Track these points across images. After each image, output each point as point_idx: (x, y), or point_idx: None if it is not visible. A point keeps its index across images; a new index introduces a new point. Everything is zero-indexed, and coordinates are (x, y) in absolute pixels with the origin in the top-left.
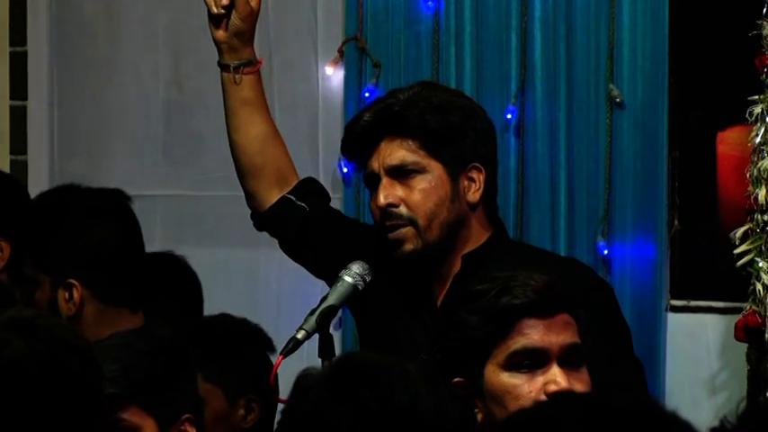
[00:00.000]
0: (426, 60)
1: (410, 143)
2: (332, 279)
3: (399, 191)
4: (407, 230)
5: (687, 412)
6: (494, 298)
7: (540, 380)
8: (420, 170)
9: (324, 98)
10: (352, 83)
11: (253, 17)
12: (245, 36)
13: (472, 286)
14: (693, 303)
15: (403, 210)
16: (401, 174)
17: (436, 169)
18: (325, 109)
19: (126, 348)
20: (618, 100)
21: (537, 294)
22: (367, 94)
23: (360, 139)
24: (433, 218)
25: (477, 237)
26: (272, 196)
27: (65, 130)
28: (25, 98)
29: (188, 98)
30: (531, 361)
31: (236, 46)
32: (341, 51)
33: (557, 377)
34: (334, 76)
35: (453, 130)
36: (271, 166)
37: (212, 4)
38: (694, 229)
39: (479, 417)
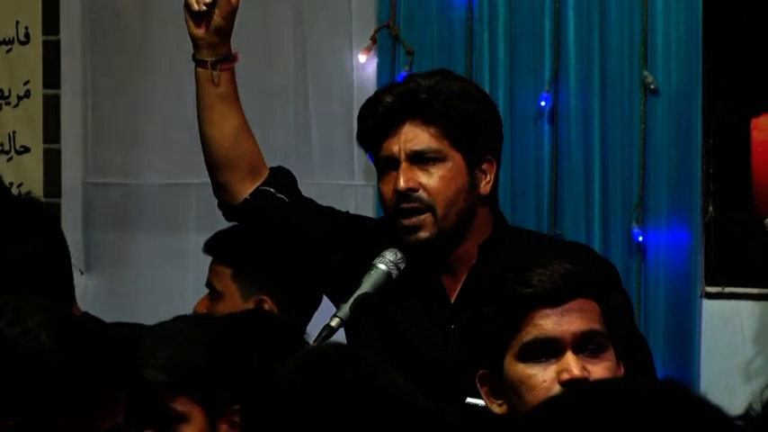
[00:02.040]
0: (459, 47)
1: (434, 130)
2: (318, 267)
3: (420, 176)
4: (426, 217)
5: (722, 399)
6: (508, 289)
7: (553, 368)
8: (442, 158)
9: (358, 86)
10: (386, 70)
11: (233, 14)
12: (225, 33)
13: (489, 277)
14: (728, 290)
15: (423, 195)
16: (422, 160)
17: (456, 158)
18: (359, 97)
19: (180, 336)
20: (652, 87)
21: (549, 283)
22: None
23: (380, 121)
24: (452, 207)
25: (484, 228)
26: (245, 188)
27: (98, 119)
28: (58, 87)
29: None
30: (545, 351)
31: (215, 42)
32: (374, 39)
33: (570, 365)
34: (367, 63)
35: (473, 119)
36: (244, 159)
37: (193, 1)
38: (729, 215)
39: (503, 409)
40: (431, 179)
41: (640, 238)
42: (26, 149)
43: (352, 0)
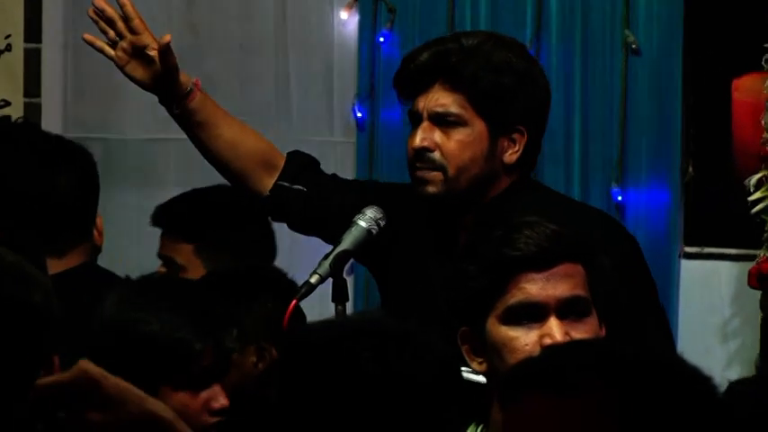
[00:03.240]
0: (441, 5)
1: (459, 96)
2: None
3: (437, 137)
4: (435, 174)
5: (699, 359)
6: (494, 249)
7: (536, 332)
8: (462, 123)
9: (338, 43)
10: (367, 28)
11: (167, 60)
12: (169, 75)
13: (478, 234)
14: (707, 250)
15: (436, 155)
16: (443, 122)
17: (478, 125)
18: (339, 54)
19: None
20: (633, 46)
21: (536, 247)
22: (381, 39)
23: (413, 77)
24: (464, 171)
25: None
26: (264, 185)
27: (78, 73)
28: (39, 41)
29: (202, 42)
30: (529, 315)
31: (166, 90)
32: None
33: (553, 330)
34: (348, 20)
35: (504, 92)
36: (250, 162)
37: (121, 66)
38: (709, 175)
39: (483, 367)
40: (448, 141)
41: (620, 198)
42: (6, 103)
43: None
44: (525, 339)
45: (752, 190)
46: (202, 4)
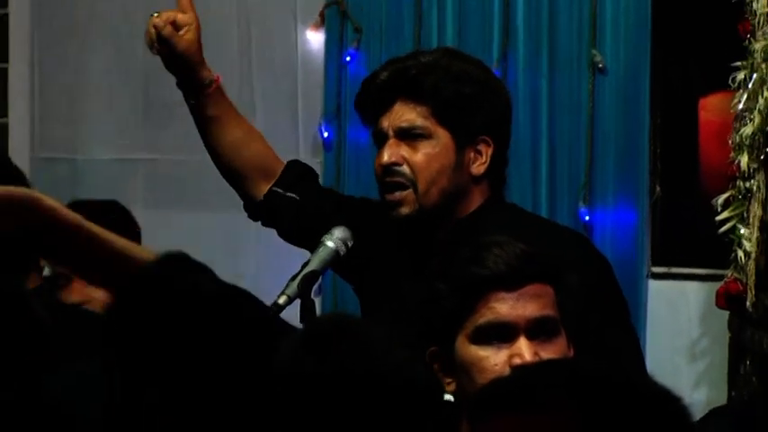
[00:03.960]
0: (408, 25)
1: (422, 108)
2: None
3: (404, 151)
4: (406, 194)
5: (668, 379)
6: (464, 268)
7: (505, 352)
8: (427, 135)
9: (304, 62)
10: (334, 47)
11: (192, 47)
12: (193, 64)
13: (449, 253)
14: (674, 270)
15: (405, 169)
16: (408, 136)
17: (443, 137)
18: (305, 73)
19: None
20: (600, 66)
21: (505, 266)
22: (348, 59)
23: (374, 97)
24: (433, 183)
25: (475, 206)
26: (260, 190)
27: (45, 93)
28: (6, 60)
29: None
30: (498, 335)
31: (188, 74)
32: (322, 15)
33: (522, 350)
34: (314, 40)
35: (466, 101)
36: (250, 165)
37: (149, 47)
38: (676, 195)
39: (452, 387)
40: (415, 155)
41: (587, 218)
42: None
43: None
44: (495, 359)
45: (719, 210)
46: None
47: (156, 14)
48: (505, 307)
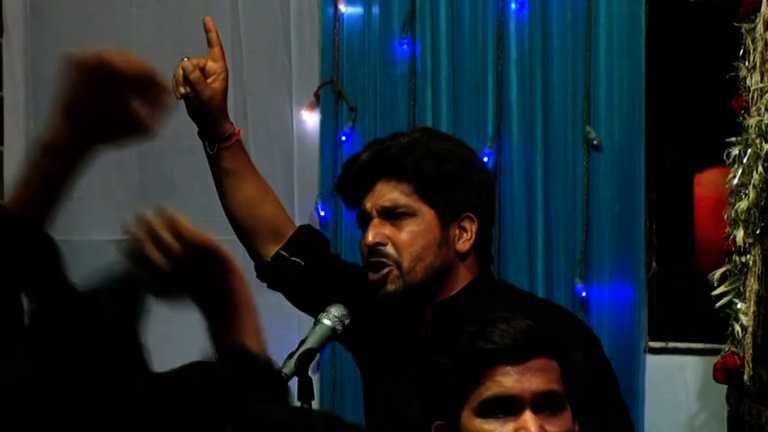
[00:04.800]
0: (403, 103)
1: (404, 186)
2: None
3: (388, 230)
4: (391, 271)
5: None
6: (469, 343)
7: (511, 426)
8: (411, 213)
9: (299, 142)
10: (329, 126)
11: (217, 96)
12: (215, 114)
13: (453, 328)
14: (672, 345)
15: (390, 249)
16: (392, 215)
17: (427, 214)
18: (300, 152)
19: None
20: (595, 142)
21: (511, 340)
22: (343, 138)
23: (356, 179)
24: (418, 260)
25: (462, 283)
26: (268, 251)
27: None
28: (1, 143)
29: (162, 141)
30: (504, 408)
31: (210, 123)
32: (317, 95)
33: (527, 423)
34: (309, 119)
35: (449, 178)
36: (263, 225)
37: (173, 91)
38: (672, 270)
39: None
40: (399, 233)
41: (584, 294)
42: None
43: (294, 56)
44: None
45: (715, 284)
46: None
47: (186, 58)
48: (511, 380)
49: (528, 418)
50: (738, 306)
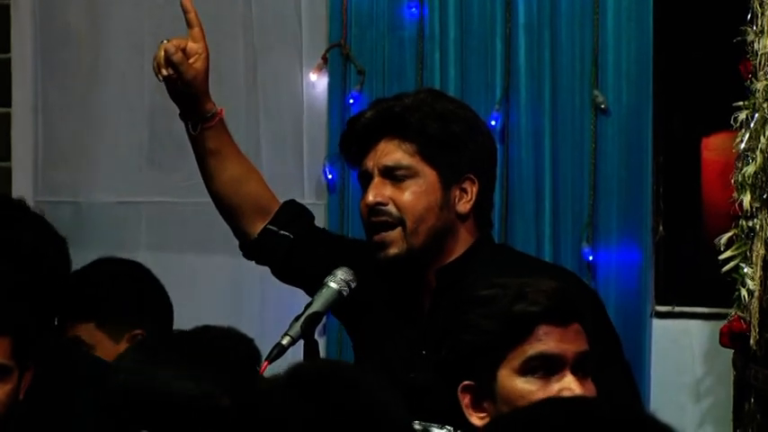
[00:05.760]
0: (410, 67)
1: (407, 146)
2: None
3: (389, 191)
4: (395, 233)
5: (672, 418)
6: (509, 303)
7: (555, 387)
8: (413, 174)
9: (309, 104)
10: (337, 90)
11: (200, 76)
12: (198, 94)
13: (480, 291)
14: (678, 309)
15: (392, 209)
16: (394, 175)
17: (429, 175)
18: (309, 116)
19: None
20: (602, 106)
21: (552, 301)
22: (351, 101)
23: (359, 137)
24: (421, 222)
25: (463, 246)
26: (255, 228)
27: (49, 137)
28: (9, 105)
29: (172, 104)
30: (546, 367)
31: (192, 103)
32: (325, 58)
33: (571, 384)
34: (318, 82)
35: (452, 139)
36: (247, 203)
37: (156, 72)
38: (679, 235)
39: (483, 421)
40: (401, 194)
41: (591, 258)
42: None
43: (303, 19)
44: (544, 393)
45: (722, 249)
46: None
47: (166, 40)
48: (554, 340)
49: (570, 378)
50: (745, 270)
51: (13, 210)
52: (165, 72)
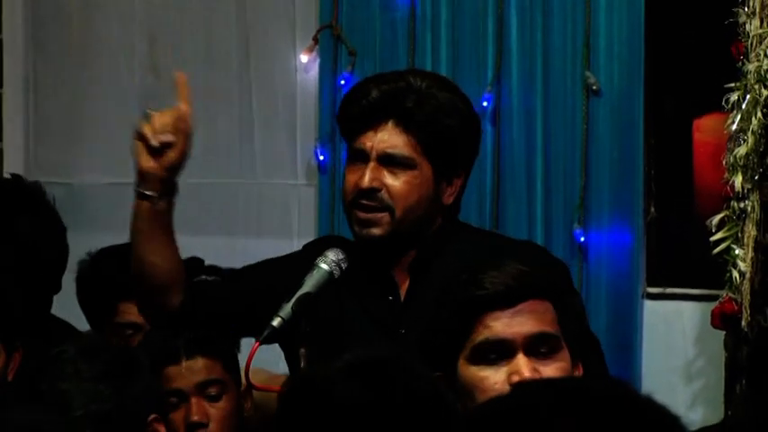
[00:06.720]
0: (402, 48)
1: (411, 137)
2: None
3: (385, 177)
4: (383, 216)
5: (663, 399)
6: (461, 291)
7: (504, 371)
8: (411, 165)
9: (302, 85)
10: (328, 70)
11: (173, 166)
12: (177, 170)
13: (444, 279)
14: (670, 290)
15: (384, 195)
16: (391, 162)
17: (426, 169)
18: (302, 97)
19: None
20: (594, 87)
21: (501, 285)
22: (342, 82)
23: (364, 113)
24: (410, 213)
25: (435, 228)
26: (177, 299)
27: (40, 117)
28: (0, 85)
29: (164, 84)
30: (496, 353)
31: (164, 178)
32: (316, 39)
33: (520, 367)
34: (309, 64)
35: (452, 136)
36: (179, 276)
37: (151, 136)
38: (670, 216)
39: None
40: (396, 182)
41: (582, 239)
42: None
43: (296, 1)
44: (494, 378)
45: (714, 230)
46: (165, 46)
47: (150, 112)
48: (500, 324)
49: (521, 361)
50: (736, 252)
51: (20, 196)
52: (164, 138)
